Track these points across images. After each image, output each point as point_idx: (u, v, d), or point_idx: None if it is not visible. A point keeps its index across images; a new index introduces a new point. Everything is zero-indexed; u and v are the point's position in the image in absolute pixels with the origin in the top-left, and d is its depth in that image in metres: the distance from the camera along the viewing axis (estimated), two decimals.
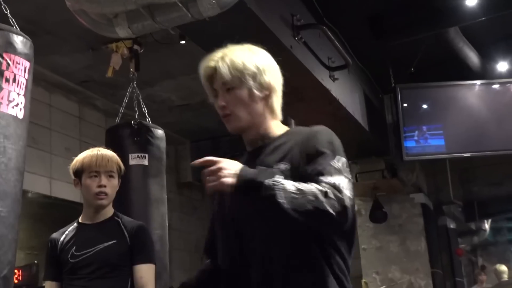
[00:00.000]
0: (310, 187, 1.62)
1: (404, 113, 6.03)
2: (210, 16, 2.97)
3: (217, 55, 1.86)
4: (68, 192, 5.88)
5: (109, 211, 2.91)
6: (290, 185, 1.61)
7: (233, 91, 1.84)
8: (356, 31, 5.25)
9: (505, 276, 8.64)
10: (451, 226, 8.01)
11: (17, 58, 2.53)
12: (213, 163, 1.65)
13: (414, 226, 6.67)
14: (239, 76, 1.82)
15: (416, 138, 6.05)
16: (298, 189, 1.61)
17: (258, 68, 1.84)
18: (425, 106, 6.24)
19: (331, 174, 1.68)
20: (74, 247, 2.81)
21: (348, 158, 6.26)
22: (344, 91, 5.11)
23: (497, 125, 6.12)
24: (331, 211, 1.60)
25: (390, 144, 6.57)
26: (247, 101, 1.84)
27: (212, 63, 1.85)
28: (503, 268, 8.72)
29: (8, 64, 2.49)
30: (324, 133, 1.82)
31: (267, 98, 1.87)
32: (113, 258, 2.77)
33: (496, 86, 6.26)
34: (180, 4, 2.88)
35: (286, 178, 1.67)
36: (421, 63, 5.79)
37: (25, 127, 2.55)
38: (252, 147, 1.92)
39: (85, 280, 2.75)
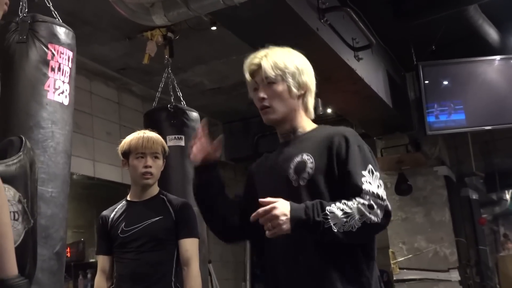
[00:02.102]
0: (356, 206, 1.70)
1: (426, 90, 5.96)
2: (241, 2, 2.96)
3: (261, 53, 1.97)
4: (110, 173, 5.96)
5: (155, 189, 2.95)
6: (338, 211, 1.69)
7: (273, 86, 1.93)
8: (378, 12, 5.18)
9: None
10: (474, 197, 7.91)
11: (61, 48, 2.56)
12: (267, 212, 1.70)
13: (438, 198, 6.60)
14: (281, 74, 1.92)
15: (438, 113, 5.98)
16: (346, 213, 1.68)
17: (297, 69, 1.94)
18: (446, 82, 6.15)
19: (370, 183, 1.75)
20: (124, 223, 2.86)
21: (373, 134, 6.20)
22: (368, 70, 5.06)
23: None
24: (378, 220, 1.71)
25: (413, 119, 6.50)
26: (285, 96, 1.93)
27: (256, 60, 1.95)
28: None
29: (53, 54, 2.52)
30: (353, 136, 1.87)
31: (302, 97, 1.97)
32: (159, 233, 2.82)
33: None
34: None
35: (308, 171, 1.82)
36: (441, 41, 5.70)
37: (70, 113, 2.59)
38: (284, 140, 2.00)
39: (134, 253, 2.80)
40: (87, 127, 5.89)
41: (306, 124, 2.00)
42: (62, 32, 2.58)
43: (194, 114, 3.96)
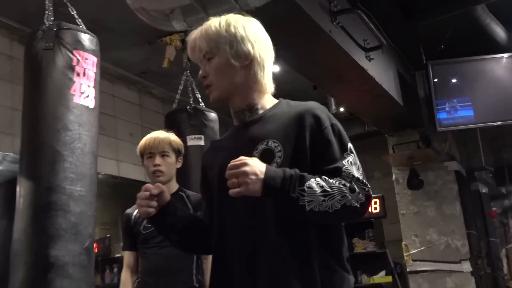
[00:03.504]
0: (337, 185, 1.47)
1: (435, 88, 5.94)
2: (256, 7, 2.96)
3: (198, 28, 1.67)
4: (134, 172, 6.00)
5: (174, 187, 2.97)
6: (318, 187, 1.45)
7: (211, 61, 1.64)
8: (388, 13, 5.17)
9: None
10: (483, 191, 7.86)
11: (85, 54, 2.59)
12: (237, 166, 1.44)
13: (449, 192, 6.57)
14: (214, 45, 1.62)
15: (447, 110, 5.96)
16: (325, 191, 1.45)
17: (235, 37, 1.62)
18: (454, 80, 6.12)
19: (350, 166, 1.52)
20: (145, 220, 2.88)
21: (385, 131, 6.17)
22: (379, 70, 5.05)
23: None
24: (357, 205, 1.48)
25: (423, 117, 6.48)
26: (223, 69, 1.63)
27: (192, 37, 1.67)
28: None
29: (78, 60, 2.54)
30: (325, 114, 1.60)
31: (248, 68, 1.64)
32: None
33: None
34: None
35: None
36: (450, 40, 5.67)
37: (96, 116, 2.62)
38: (240, 121, 1.71)
39: (156, 248, 2.83)
40: (111, 128, 5.94)
41: (264, 100, 1.68)
42: (86, 38, 2.62)
43: (213, 115, 3.99)
